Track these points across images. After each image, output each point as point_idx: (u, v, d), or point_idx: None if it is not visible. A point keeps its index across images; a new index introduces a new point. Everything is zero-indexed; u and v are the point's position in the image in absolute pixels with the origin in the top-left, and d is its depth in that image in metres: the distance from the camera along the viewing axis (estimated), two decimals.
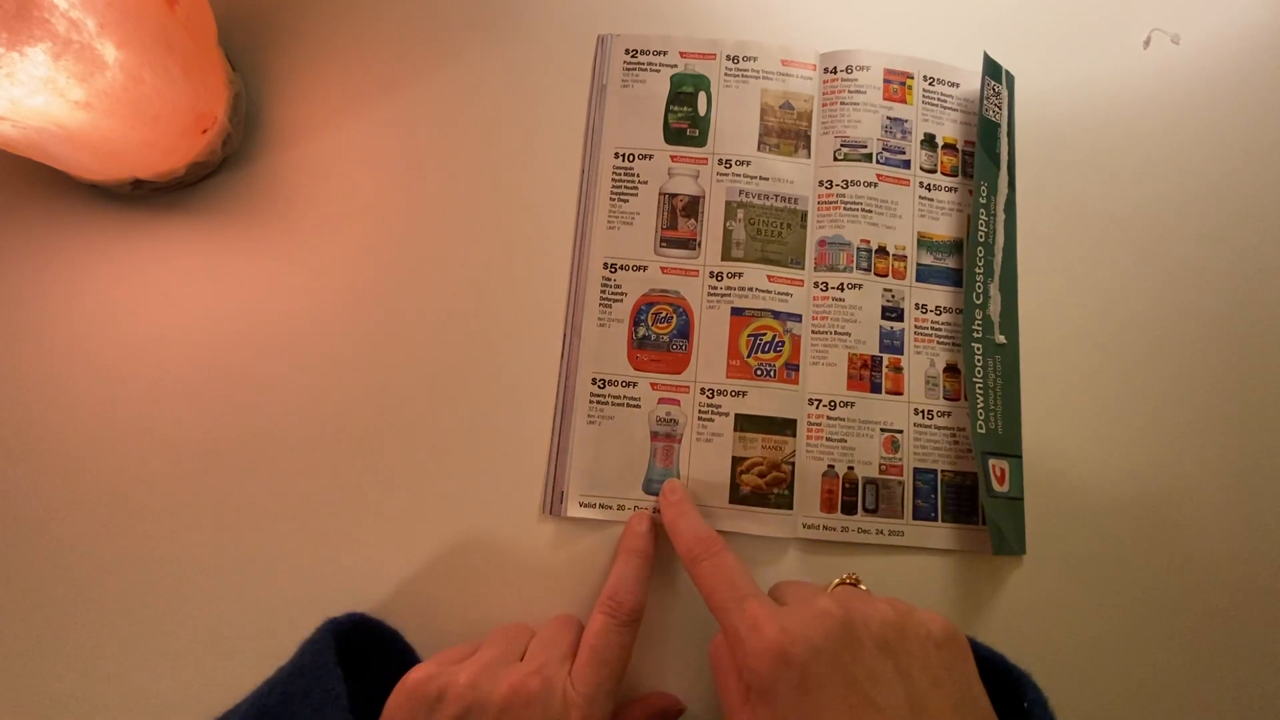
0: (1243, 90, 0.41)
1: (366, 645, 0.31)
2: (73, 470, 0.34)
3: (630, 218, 0.38)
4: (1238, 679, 0.34)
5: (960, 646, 0.26)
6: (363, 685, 0.28)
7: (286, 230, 0.38)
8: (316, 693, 0.26)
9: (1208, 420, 0.37)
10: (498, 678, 0.27)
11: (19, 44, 0.25)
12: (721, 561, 0.29)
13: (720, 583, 0.28)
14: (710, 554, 0.29)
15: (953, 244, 0.38)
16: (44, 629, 0.33)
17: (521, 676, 0.27)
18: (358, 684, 0.28)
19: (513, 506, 0.35)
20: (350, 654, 0.29)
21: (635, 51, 0.40)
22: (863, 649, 0.24)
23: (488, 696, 0.26)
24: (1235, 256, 0.39)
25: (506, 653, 0.29)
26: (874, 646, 0.24)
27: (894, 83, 0.39)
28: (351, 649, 0.29)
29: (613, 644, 0.29)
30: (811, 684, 0.23)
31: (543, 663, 0.28)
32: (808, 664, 0.23)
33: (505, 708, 0.26)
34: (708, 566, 0.29)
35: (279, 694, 0.26)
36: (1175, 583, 0.35)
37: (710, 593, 0.28)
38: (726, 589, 0.27)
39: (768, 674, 0.24)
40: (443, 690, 0.26)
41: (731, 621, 0.26)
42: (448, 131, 0.39)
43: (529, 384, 0.36)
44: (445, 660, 0.28)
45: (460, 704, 0.26)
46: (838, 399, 0.36)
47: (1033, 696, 0.26)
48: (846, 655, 0.24)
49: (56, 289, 0.36)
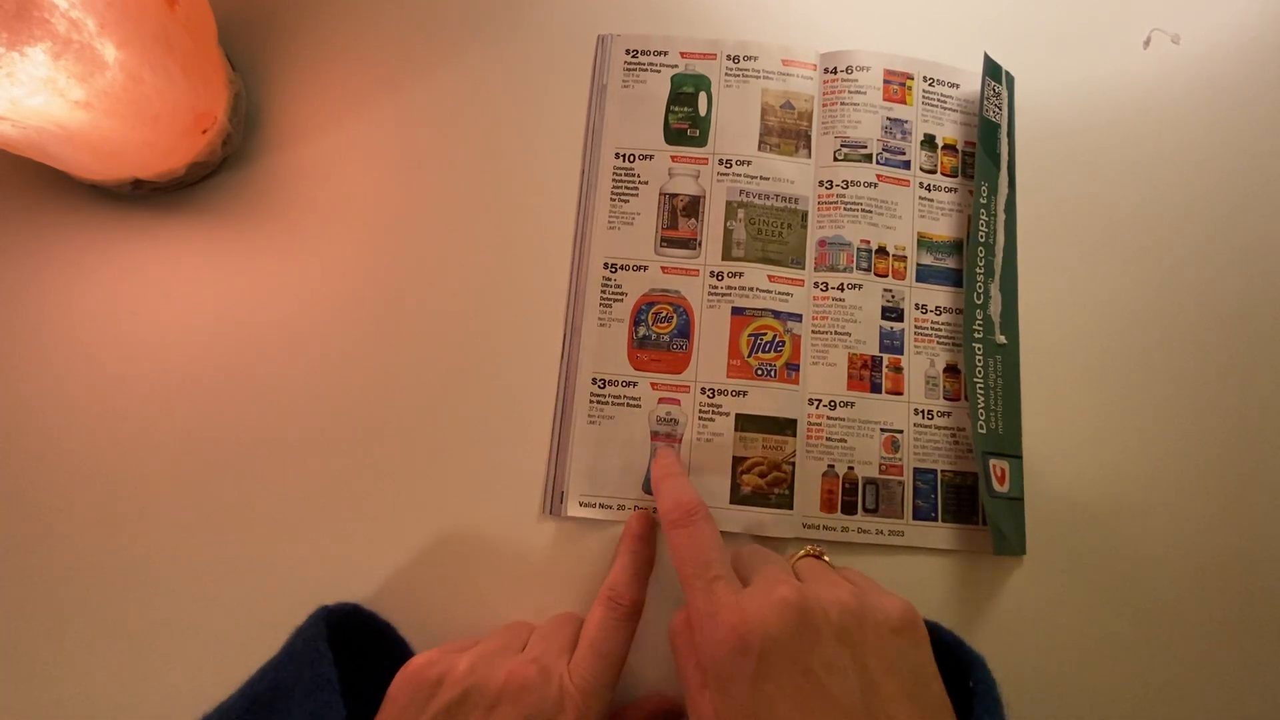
0: (1243, 90, 0.41)
1: (361, 635, 0.31)
2: (72, 470, 0.34)
3: (630, 218, 0.38)
4: (1239, 679, 0.34)
5: (916, 632, 0.26)
6: (356, 674, 0.29)
7: (286, 230, 0.37)
8: (308, 676, 0.26)
9: (1208, 420, 0.37)
10: (497, 665, 0.27)
11: (19, 44, 0.25)
12: (697, 531, 0.29)
13: (691, 554, 0.28)
14: (689, 521, 0.29)
15: (953, 244, 0.38)
16: (43, 629, 0.33)
17: (520, 664, 0.27)
18: (351, 673, 0.28)
19: (512, 506, 0.35)
20: (344, 643, 0.29)
21: (635, 51, 0.40)
22: (820, 639, 0.24)
23: (486, 682, 0.27)
24: (1236, 256, 0.39)
25: (508, 644, 0.29)
26: (832, 636, 0.25)
27: (894, 83, 0.39)
28: (346, 638, 0.29)
29: (612, 637, 0.29)
30: (765, 674, 0.24)
31: (541, 652, 0.28)
32: (764, 653, 0.24)
33: (502, 694, 0.26)
34: (683, 535, 0.29)
35: (271, 680, 0.26)
36: (1176, 583, 0.35)
37: (681, 562, 0.28)
38: (697, 563, 0.27)
39: (725, 661, 0.24)
40: (443, 675, 0.27)
41: (695, 601, 0.26)
42: (448, 131, 0.39)
43: (529, 384, 0.36)
44: (448, 649, 0.29)
45: (459, 688, 0.26)
46: (838, 399, 0.36)
47: (979, 677, 0.27)
48: (802, 645, 0.24)
49: (56, 289, 0.36)
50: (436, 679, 0.27)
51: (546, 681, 0.27)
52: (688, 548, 0.28)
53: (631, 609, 0.30)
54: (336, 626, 0.29)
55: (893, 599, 0.27)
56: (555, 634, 0.30)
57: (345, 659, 0.28)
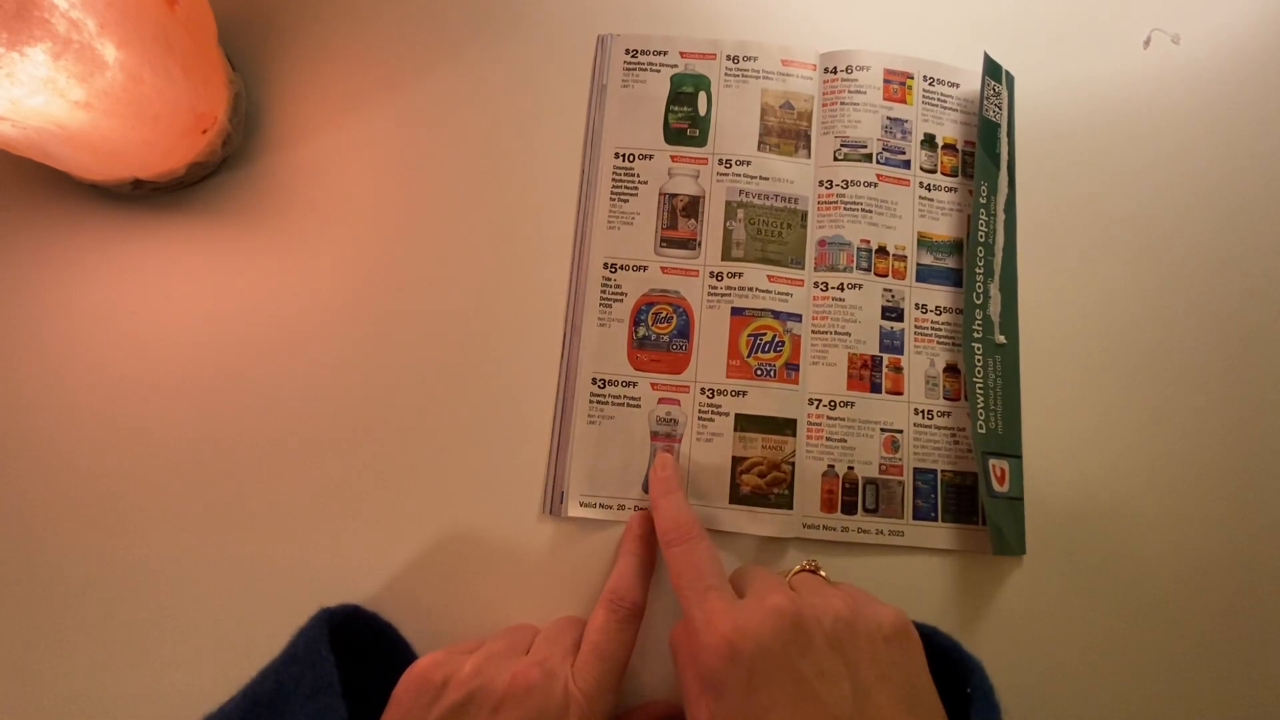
0: (1243, 90, 0.41)
1: (362, 637, 0.31)
2: (72, 470, 0.34)
3: (630, 218, 0.38)
4: (1239, 679, 0.34)
5: (909, 640, 0.27)
6: (358, 675, 0.29)
7: (286, 230, 0.37)
8: (309, 679, 0.26)
9: (1208, 420, 0.37)
10: (501, 668, 0.27)
11: (19, 44, 0.25)
12: (693, 549, 0.30)
13: (687, 569, 0.29)
14: (684, 539, 0.30)
15: (953, 244, 0.38)
16: (43, 629, 0.33)
17: (524, 667, 0.27)
18: (353, 674, 0.28)
19: (512, 506, 0.35)
20: (345, 644, 0.29)
21: (635, 51, 0.40)
22: (813, 646, 0.25)
23: (490, 684, 0.27)
24: (1236, 256, 0.39)
25: (512, 646, 0.29)
26: (824, 643, 0.25)
27: (894, 83, 0.39)
28: (347, 639, 0.30)
29: (614, 639, 0.29)
30: (759, 681, 0.24)
31: (546, 655, 0.28)
32: (756, 660, 0.24)
33: (507, 696, 0.26)
34: (680, 551, 0.30)
35: (272, 682, 0.26)
36: (1176, 583, 0.35)
37: (676, 577, 0.29)
38: (692, 576, 0.28)
39: (719, 669, 0.25)
40: (448, 678, 0.27)
41: (691, 612, 0.27)
42: (448, 131, 0.39)
43: (529, 384, 0.36)
44: (453, 651, 0.29)
45: (463, 690, 0.27)
46: (838, 399, 0.36)
47: (976, 683, 0.27)
48: (795, 652, 0.25)
49: (56, 289, 0.36)
50: (441, 681, 0.27)
51: (551, 684, 0.27)
52: (683, 563, 0.29)
53: (633, 611, 0.31)
54: (338, 628, 0.29)
55: (885, 608, 0.27)
56: (559, 637, 0.30)
57: (347, 661, 0.28)
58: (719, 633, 0.25)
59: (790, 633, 0.25)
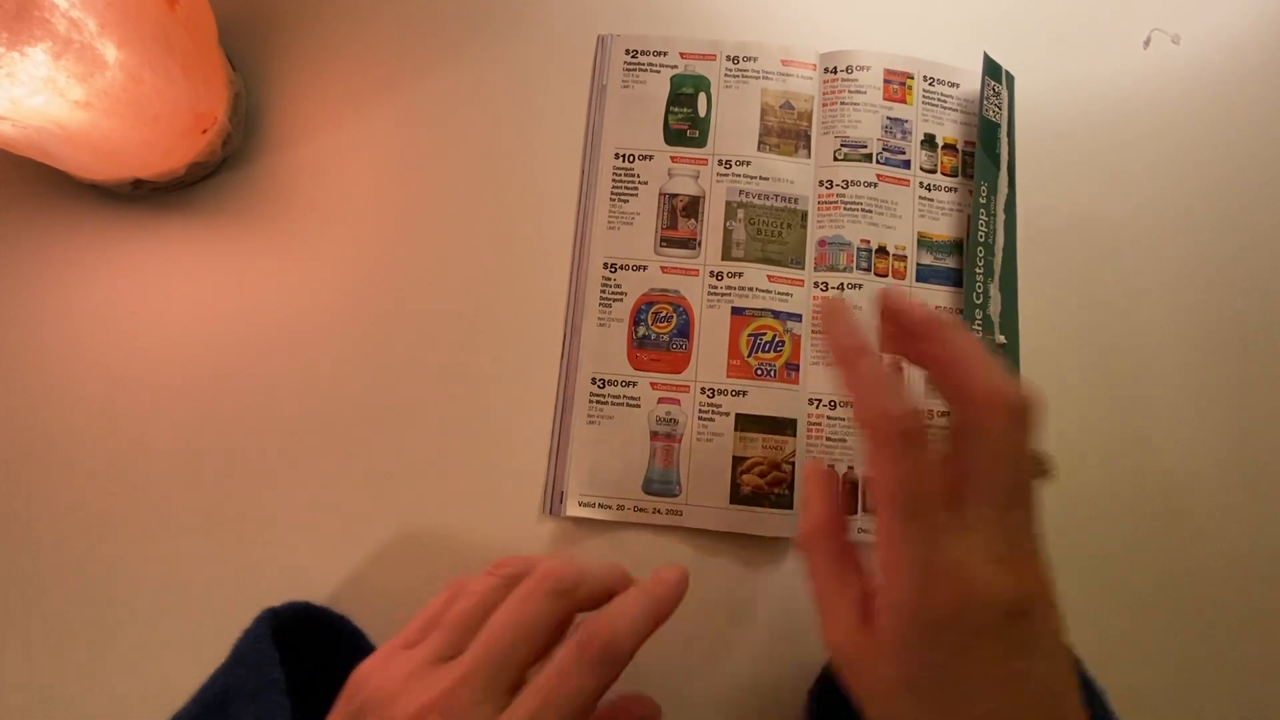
0: (1243, 90, 0.41)
1: (315, 632, 0.30)
2: (72, 469, 0.34)
3: (630, 218, 0.38)
4: (1244, 678, 0.34)
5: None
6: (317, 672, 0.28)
7: (287, 230, 0.38)
8: (253, 679, 0.26)
9: (1209, 419, 0.37)
10: (408, 696, 0.23)
11: (19, 44, 0.25)
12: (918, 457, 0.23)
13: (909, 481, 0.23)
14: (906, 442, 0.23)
15: (953, 244, 0.38)
16: (41, 630, 0.33)
17: (420, 709, 0.22)
18: (311, 670, 0.28)
19: (512, 506, 0.35)
20: (297, 641, 0.29)
21: (635, 52, 0.40)
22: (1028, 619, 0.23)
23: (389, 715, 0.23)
24: (1236, 256, 0.39)
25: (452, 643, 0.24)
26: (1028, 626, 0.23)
27: (894, 83, 0.39)
28: (299, 636, 0.29)
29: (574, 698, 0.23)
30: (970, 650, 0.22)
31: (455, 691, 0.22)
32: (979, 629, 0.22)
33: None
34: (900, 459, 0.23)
35: (219, 686, 0.26)
36: (1179, 583, 0.35)
37: (890, 493, 0.23)
38: (912, 496, 0.22)
39: (933, 626, 0.22)
40: (365, 705, 0.23)
41: (911, 548, 0.22)
42: (448, 132, 0.39)
43: (529, 384, 0.36)
44: (396, 646, 0.25)
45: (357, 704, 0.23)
46: (838, 399, 0.36)
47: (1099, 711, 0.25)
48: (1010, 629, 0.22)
49: (56, 289, 0.36)
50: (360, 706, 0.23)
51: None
52: (907, 474, 0.23)
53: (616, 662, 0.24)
54: (288, 626, 0.29)
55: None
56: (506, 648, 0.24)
57: (300, 656, 0.28)
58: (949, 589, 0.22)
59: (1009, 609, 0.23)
